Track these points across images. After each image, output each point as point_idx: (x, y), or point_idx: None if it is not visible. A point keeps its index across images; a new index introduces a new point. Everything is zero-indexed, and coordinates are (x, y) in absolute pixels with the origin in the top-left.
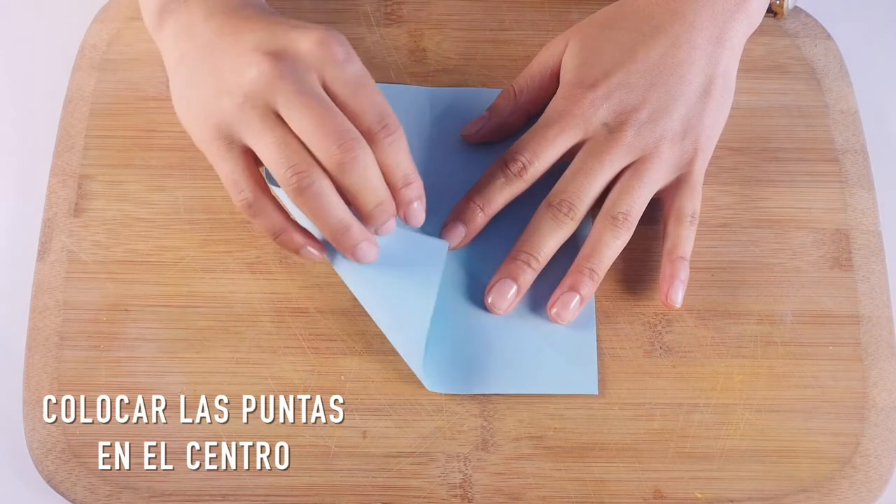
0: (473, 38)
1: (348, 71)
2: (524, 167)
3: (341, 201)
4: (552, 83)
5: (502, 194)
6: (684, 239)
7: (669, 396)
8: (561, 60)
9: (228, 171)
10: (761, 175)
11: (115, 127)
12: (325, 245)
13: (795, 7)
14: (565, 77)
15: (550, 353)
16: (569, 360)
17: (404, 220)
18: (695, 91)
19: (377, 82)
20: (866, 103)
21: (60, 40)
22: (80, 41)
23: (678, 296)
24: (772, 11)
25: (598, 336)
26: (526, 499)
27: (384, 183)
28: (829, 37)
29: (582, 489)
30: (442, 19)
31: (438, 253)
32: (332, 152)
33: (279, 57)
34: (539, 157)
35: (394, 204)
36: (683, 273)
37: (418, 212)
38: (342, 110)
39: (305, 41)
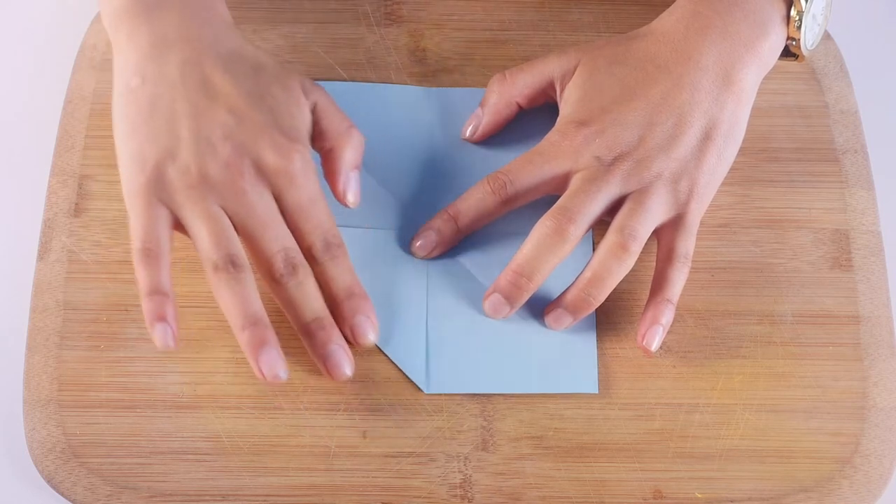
0: (473, 38)
1: (303, 192)
2: (504, 185)
3: (258, 299)
4: (549, 90)
5: (478, 209)
6: (673, 281)
7: (669, 396)
8: (564, 78)
9: (145, 225)
10: (761, 175)
11: None
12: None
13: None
14: (564, 110)
15: (550, 352)
16: (569, 359)
17: (351, 337)
18: (695, 134)
19: (377, 82)
20: (866, 103)
21: (60, 40)
22: (80, 41)
23: (654, 341)
24: (792, 54)
25: (598, 336)
26: (526, 499)
27: (321, 300)
28: (829, 37)
29: (582, 489)
30: (442, 19)
31: (419, 267)
32: (272, 269)
33: (243, 162)
34: (521, 178)
35: (331, 321)
36: (665, 318)
37: (363, 326)
38: (289, 224)
39: (270, 153)
